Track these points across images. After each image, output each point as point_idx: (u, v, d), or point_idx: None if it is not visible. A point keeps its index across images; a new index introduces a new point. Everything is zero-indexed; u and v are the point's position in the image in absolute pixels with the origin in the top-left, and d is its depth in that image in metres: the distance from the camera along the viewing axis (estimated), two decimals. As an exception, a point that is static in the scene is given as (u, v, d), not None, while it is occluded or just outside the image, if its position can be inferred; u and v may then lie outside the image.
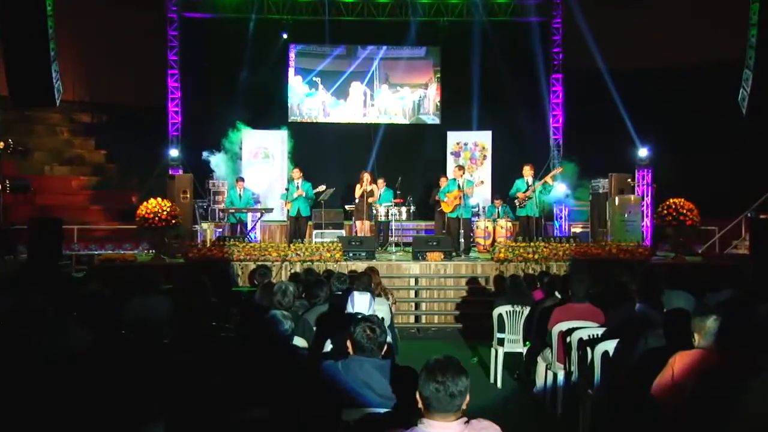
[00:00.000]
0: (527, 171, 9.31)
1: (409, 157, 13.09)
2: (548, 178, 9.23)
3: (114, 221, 11.92)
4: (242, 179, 10.59)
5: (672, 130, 11.42)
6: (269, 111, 12.56)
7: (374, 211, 9.84)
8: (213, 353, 3.09)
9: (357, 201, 9.95)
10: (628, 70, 12.05)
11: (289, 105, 13.41)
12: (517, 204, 9.37)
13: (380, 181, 10.39)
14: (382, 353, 2.81)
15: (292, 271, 7.91)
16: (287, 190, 9.60)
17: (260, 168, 12.37)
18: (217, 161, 11.88)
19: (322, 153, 12.78)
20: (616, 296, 4.46)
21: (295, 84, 13.54)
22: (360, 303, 3.87)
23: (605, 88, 11.83)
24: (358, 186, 9.87)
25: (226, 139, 12.15)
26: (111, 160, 13.42)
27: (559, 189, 11.71)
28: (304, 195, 9.55)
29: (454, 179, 9.36)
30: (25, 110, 12.29)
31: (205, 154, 11.93)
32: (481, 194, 9.80)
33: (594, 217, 10.93)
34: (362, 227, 9.75)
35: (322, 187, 9.72)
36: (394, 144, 13.23)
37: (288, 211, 9.81)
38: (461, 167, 9.68)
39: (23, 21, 7.77)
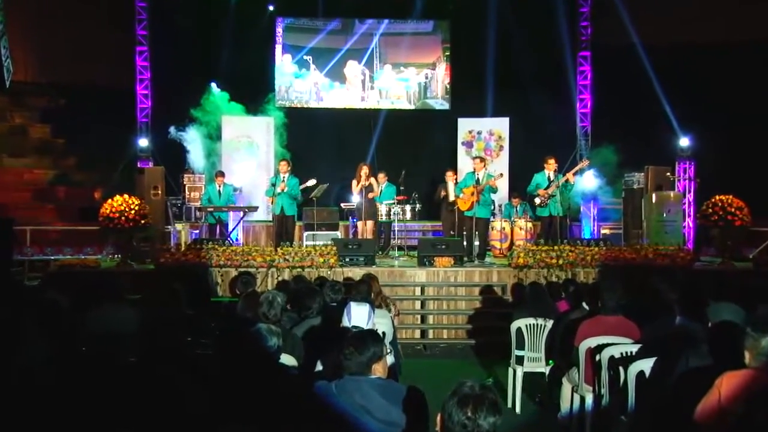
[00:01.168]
0: (550, 164, 9.32)
1: (415, 148, 13.15)
2: (570, 175, 9.25)
3: (73, 221, 11.92)
4: (222, 173, 10.63)
5: (718, 117, 11.40)
6: (253, 94, 12.64)
7: (374, 210, 9.90)
8: (188, 373, 3.10)
9: (355, 198, 10.02)
10: (667, 46, 12.07)
11: (276, 88, 13.51)
12: (537, 202, 9.38)
13: (381, 176, 10.41)
14: (383, 373, 2.82)
15: (280, 278, 7.94)
16: (273, 185, 9.63)
17: (243, 160, 12.45)
18: (191, 138, 11.86)
19: (314, 143, 12.90)
20: (653, 308, 4.48)
21: (284, 64, 13.64)
22: (358, 315, 3.88)
23: (641, 68, 11.91)
24: (355, 181, 9.89)
25: (199, 109, 12.11)
26: (70, 150, 13.34)
27: (588, 184, 11.71)
28: (286, 190, 9.51)
29: (472, 172, 9.40)
30: (-33, 93, 12.40)
31: (173, 130, 11.87)
32: (498, 190, 9.87)
33: (627, 216, 10.99)
34: (363, 228, 9.77)
35: (312, 182, 9.73)
36: (397, 133, 13.30)
37: (273, 208, 9.78)
38: (482, 158, 9.71)
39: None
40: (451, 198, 10.06)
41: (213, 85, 12.37)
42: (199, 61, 12.37)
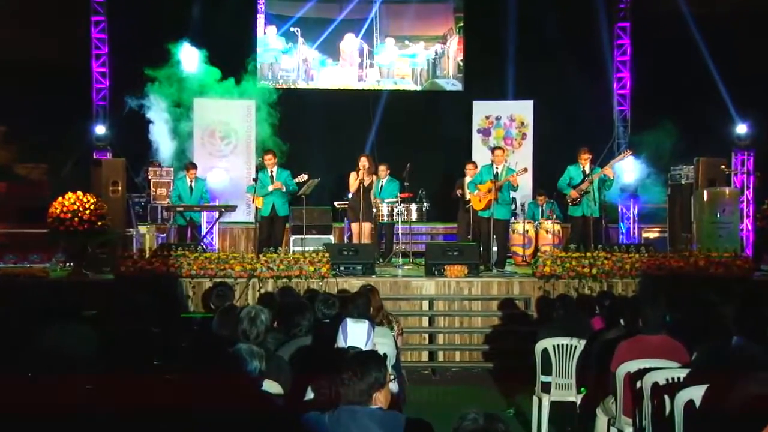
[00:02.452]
0: (583, 156, 9.32)
1: (421, 137, 13.14)
2: (608, 169, 9.23)
3: (16, 224, 11.80)
4: (194, 165, 10.61)
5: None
6: (231, 73, 12.65)
7: (374, 210, 9.95)
8: (155, 401, 3.12)
9: (352, 196, 9.99)
10: (721, 16, 12.02)
11: (258, 65, 13.49)
12: (568, 201, 9.39)
13: (382, 169, 10.40)
14: (384, 403, 2.84)
15: (263, 291, 8.01)
16: (255, 180, 9.66)
17: (219, 151, 12.51)
18: (155, 108, 11.86)
19: (304, 130, 12.83)
20: (705, 326, 4.46)
21: (267, 37, 13.65)
22: (355, 334, 3.87)
23: (689, 41, 11.87)
24: (353, 176, 9.83)
25: (164, 69, 12.08)
26: (10, 139, 13.07)
27: (627, 179, 11.70)
28: (283, 188, 9.56)
29: (490, 165, 9.40)
30: None
31: (130, 101, 11.86)
32: (520, 187, 9.85)
33: (674, 217, 11.00)
34: (360, 231, 9.74)
35: (303, 177, 9.74)
36: (401, 118, 13.28)
37: (257, 209, 9.83)
38: (502, 149, 9.75)
39: None
40: (468, 196, 10.23)
41: (185, 45, 12.30)
42: (166, 32, 12.27)
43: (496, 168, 9.27)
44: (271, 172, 9.62)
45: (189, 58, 12.40)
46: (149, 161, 12.19)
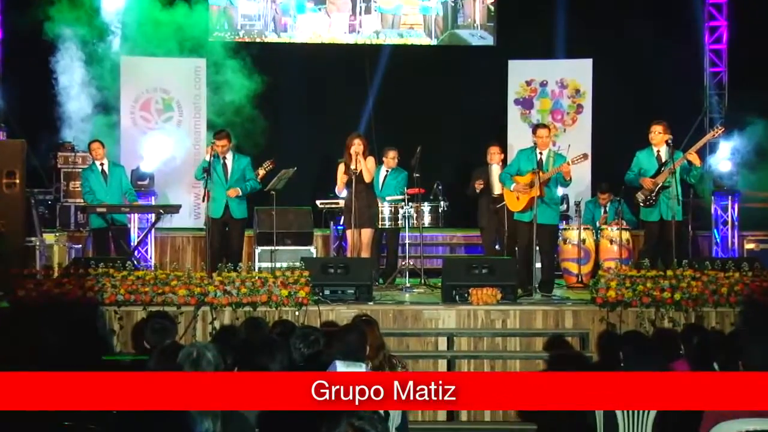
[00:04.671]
0: (658, 135, 9.26)
1: (436, 110, 13.21)
2: (692, 153, 9.16)
3: None
4: (99, 143, 10.54)
5: None
6: (173, 22, 12.56)
7: (373, 211, 9.86)
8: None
9: (346, 193, 9.96)
10: None
11: (209, 13, 13.39)
12: (640, 200, 9.36)
13: (393, 154, 10.46)
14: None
15: (217, 323, 8.04)
16: (208, 172, 9.50)
17: (154, 130, 12.54)
18: (64, 72, 11.94)
19: (274, 101, 12.85)
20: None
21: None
22: (344, 383, 4.01)
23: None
24: (340, 167, 9.83)
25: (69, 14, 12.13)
26: None
27: (723, 168, 11.63)
28: (239, 193, 9.57)
29: (531, 150, 9.41)
30: None
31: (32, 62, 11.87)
32: (574, 178, 9.71)
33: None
34: (355, 241, 9.67)
35: (266, 165, 9.81)
36: (409, 84, 13.34)
37: (208, 207, 9.72)
38: (547, 127, 9.74)
39: None
40: (496, 191, 10.13)
41: None
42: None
43: (540, 153, 9.26)
44: (224, 159, 9.63)
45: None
46: (58, 143, 12.19)
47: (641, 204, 9.38)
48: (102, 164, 10.34)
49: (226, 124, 11.58)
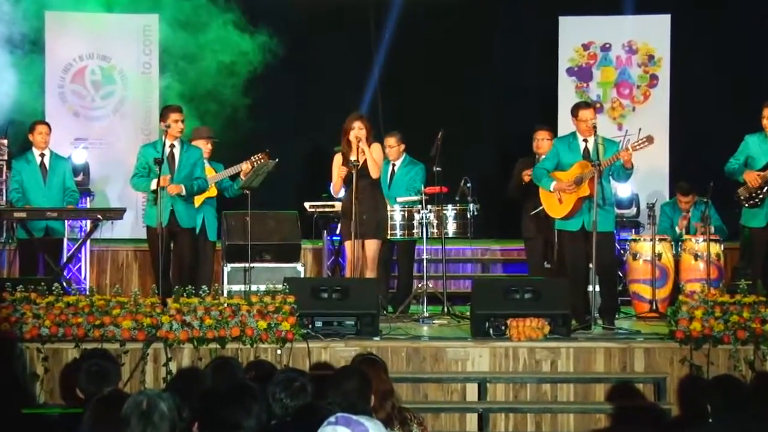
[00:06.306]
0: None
1: (464, 82, 13.35)
2: None
3: None
4: (45, 124, 10.80)
5: None
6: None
7: (380, 217, 9.88)
8: None
9: (340, 192, 10.15)
10: None
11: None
12: (742, 197, 9.42)
13: (392, 141, 10.61)
14: None
15: (173, 365, 8.26)
16: (147, 168, 9.54)
17: (93, 109, 12.54)
18: None
19: (246, 74, 12.91)
20: None
21: None
22: (342, 448, 3.81)
23: None
24: (338, 157, 9.89)
25: None
26: None
27: None
28: (183, 192, 9.69)
29: (572, 136, 9.49)
30: None
31: None
32: (648, 173, 9.68)
33: None
34: (357, 257, 9.70)
35: (243, 166, 10.05)
36: (427, 47, 13.48)
37: (150, 212, 9.74)
38: (588, 105, 9.65)
39: None
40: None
41: None
42: None
43: (584, 141, 9.16)
44: (172, 148, 9.58)
45: None
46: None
47: (743, 203, 9.45)
48: (42, 155, 10.31)
49: (185, 102, 11.41)
